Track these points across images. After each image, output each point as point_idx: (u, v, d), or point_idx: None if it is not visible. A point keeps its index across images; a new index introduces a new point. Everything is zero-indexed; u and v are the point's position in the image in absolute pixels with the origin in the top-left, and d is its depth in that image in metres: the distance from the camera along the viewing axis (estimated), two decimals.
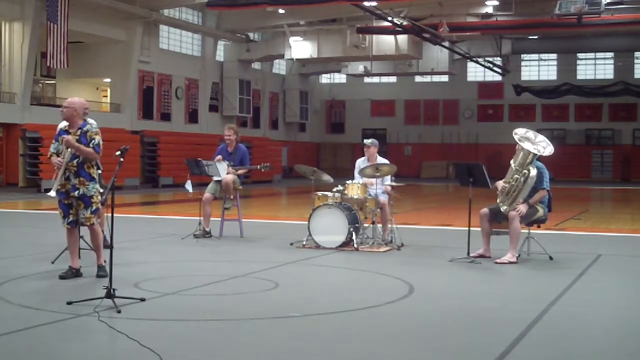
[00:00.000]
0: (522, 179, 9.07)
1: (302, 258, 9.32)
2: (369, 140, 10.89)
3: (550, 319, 6.11)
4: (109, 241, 7.83)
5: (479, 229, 9.42)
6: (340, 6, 27.23)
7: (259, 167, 11.74)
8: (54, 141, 7.64)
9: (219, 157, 11.41)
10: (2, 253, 9.40)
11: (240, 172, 11.54)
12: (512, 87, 39.57)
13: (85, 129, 7.47)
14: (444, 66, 35.68)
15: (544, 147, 9.16)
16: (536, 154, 9.08)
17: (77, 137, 7.42)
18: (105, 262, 7.50)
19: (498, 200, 9.37)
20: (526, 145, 9.13)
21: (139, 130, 29.22)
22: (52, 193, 7.59)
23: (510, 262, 8.98)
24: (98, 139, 7.48)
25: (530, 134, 9.36)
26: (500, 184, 9.27)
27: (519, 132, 9.34)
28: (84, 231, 8.94)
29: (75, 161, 7.42)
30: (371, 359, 4.99)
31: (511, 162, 9.31)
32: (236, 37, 35.29)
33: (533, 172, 9.04)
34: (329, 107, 46.13)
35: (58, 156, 7.52)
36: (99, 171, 7.85)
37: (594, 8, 23.46)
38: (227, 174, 11.26)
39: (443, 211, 19.00)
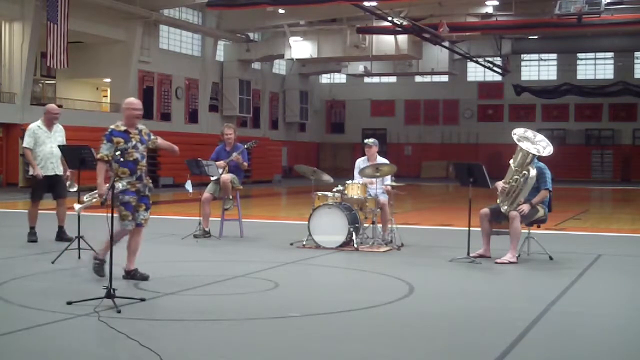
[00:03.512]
0: (521, 180, 9.07)
1: (302, 258, 9.32)
2: (371, 140, 10.89)
3: (550, 319, 6.11)
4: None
5: (479, 229, 9.41)
6: (340, 6, 27.22)
7: (246, 145, 11.65)
8: (105, 141, 7.33)
9: (221, 162, 11.40)
10: (2, 253, 9.39)
11: (241, 161, 11.42)
12: (512, 87, 39.57)
13: (140, 128, 7.61)
14: (444, 66, 35.70)
15: (544, 147, 9.14)
16: (536, 154, 9.07)
17: (139, 137, 7.52)
18: (104, 261, 7.45)
19: (498, 201, 9.36)
20: (525, 145, 9.12)
21: None
22: (79, 208, 7.48)
23: (510, 262, 8.98)
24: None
25: (529, 133, 9.35)
26: (500, 184, 9.27)
27: (518, 132, 9.32)
28: (83, 231, 8.96)
29: (144, 161, 7.52)
30: (371, 359, 4.99)
31: (510, 162, 9.31)
32: (236, 37, 35.29)
33: (533, 172, 9.03)
34: (329, 107, 46.12)
35: (108, 161, 7.29)
36: None
37: (594, 8, 23.48)
38: (225, 166, 11.27)
39: (443, 211, 19.00)
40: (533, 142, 9.21)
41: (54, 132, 10.40)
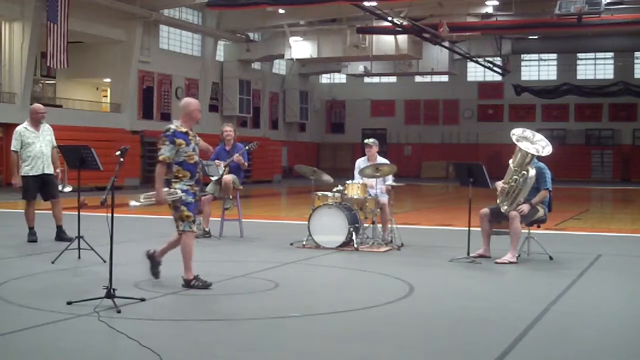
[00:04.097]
0: (521, 180, 9.06)
1: (302, 258, 9.32)
2: (371, 140, 10.89)
3: (550, 319, 6.11)
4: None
5: (479, 229, 9.41)
6: (340, 6, 27.23)
7: (247, 146, 11.64)
8: (167, 143, 7.14)
9: (218, 161, 11.39)
10: (2, 253, 9.40)
11: (242, 162, 11.40)
12: (512, 87, 39.58)
13: (193, 130, 7.46)
14: (444, 66, 35.67)
15: (543, 146, 9.14)
16: (535, 154, 9.07)
17: (195, 140, 7.47)
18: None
19: (498, 201, 9.36)
20: (524, 145, 9.11)
21: (139, 130, 29.21)
22: (133, 205, 7.34)
23: (510, 262, 8.98)
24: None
25: (528, 133, 9.34)
26: (499, 184, 9.27)
27: (517, 132, 9.32)
28: (83, 231, 8.96)
29: (201, 164, 7.39)
30: (371, 359, 4.99)
31: (510, 162, 9.31)
32: (236, 37, 35.29)
33: (532, 172, 9.03)
34: (329, 107, 46.12)
35: (170, 163, 7.11)
36: None
37: (594, 8, 23.46)
38: (226, 166, 11.28)
39: (443, 211, 19.00)
40: (532, 141, 9.21)
41: (41, 132, 10.42)
